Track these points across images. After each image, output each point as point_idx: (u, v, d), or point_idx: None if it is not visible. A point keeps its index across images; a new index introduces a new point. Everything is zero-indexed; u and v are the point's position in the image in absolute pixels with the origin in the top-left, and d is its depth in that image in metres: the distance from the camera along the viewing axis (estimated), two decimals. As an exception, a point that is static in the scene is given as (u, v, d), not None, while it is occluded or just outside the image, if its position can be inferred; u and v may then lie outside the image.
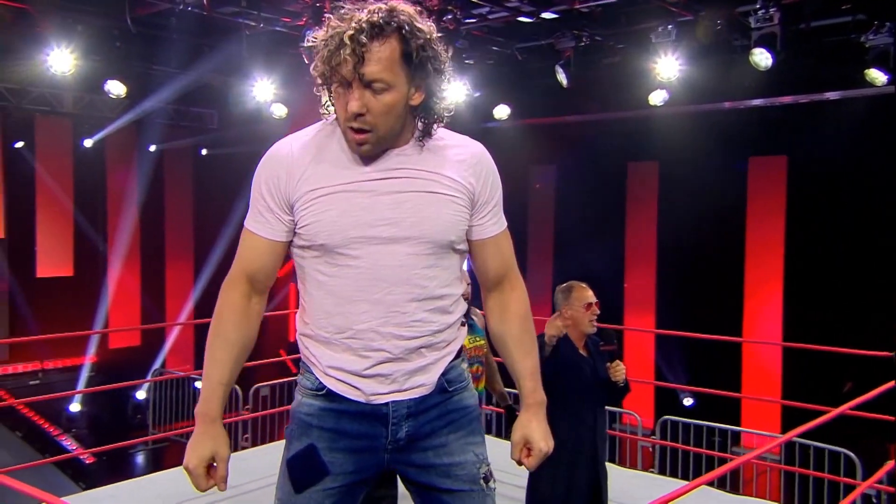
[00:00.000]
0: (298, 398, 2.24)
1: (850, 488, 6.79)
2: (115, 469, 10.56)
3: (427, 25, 2.02)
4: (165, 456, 10.75)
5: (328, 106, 2.15)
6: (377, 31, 1.93)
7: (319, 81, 2.07)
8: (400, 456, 2.17)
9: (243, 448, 6.99)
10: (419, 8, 2.05)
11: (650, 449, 9.90)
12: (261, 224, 2.14)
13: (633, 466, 8.51)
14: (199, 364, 12.00)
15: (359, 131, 1.99)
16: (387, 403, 2.11)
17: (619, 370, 4.34)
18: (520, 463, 2.28)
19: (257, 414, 9.17)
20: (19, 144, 13.01)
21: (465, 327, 2.37)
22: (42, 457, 11.15)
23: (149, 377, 12.34)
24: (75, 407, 12.96)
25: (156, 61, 10.82)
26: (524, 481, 4.38)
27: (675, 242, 12.25)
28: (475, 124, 12.44)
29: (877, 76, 8.84)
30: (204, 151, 14.74)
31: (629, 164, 12.77)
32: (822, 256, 11.01)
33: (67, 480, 11.04)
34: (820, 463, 7.66)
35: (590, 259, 11.92)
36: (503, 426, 7.74)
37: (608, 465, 4.70)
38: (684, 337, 10.69)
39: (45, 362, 13.41)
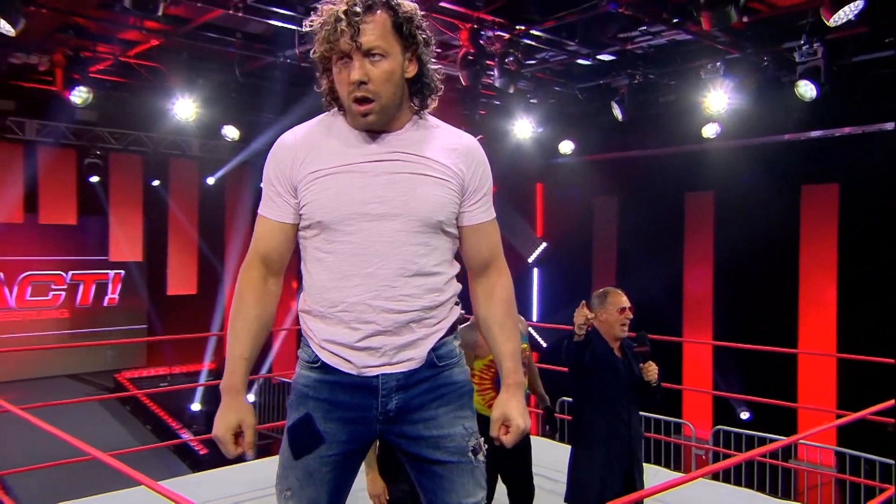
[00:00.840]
0: (298, 370, 2.16)
1: None
2: (224, 459, 10.56)
3: (410, 3, 2.01)
4: (271, 450, 10.63)
5: (325, 96, 2.11)
6: (368, 4, 1.92)
7: (320, 67, 2.05)
8: (392, 427, 2.09)
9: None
10: None
11: (703, 456, 9.23)
12: (271, 208, 2.10)
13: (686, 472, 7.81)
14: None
15: (363, 101, 1.95)
16: (377, 376, 2.03)
17: (651, 370, 4.16)
18: (498, 440, 2.13)
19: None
20: (156, 183, 13.27)
21: (459, 307, 2.22)
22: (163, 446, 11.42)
23: (255, 383, 12.53)
24: (196, 406, 13.11)
25: (262, 108, 11.01)
26: (564, 476, 4.28)
27: (730, 266, 11.63)
28: (542, 160, 12.32)
29: None
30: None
31: (686, 195, 12.19)
32: (872, 276, 10.21)
33: (185, 467, 11.50)
34: (871, 474, 6.94)
35: (650, 282, 11.50)
36: (541, 426, 7.24)
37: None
38: (741, 353, 10.27)
39: (172, 367, 13.63)
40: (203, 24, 8.15)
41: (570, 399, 5.67)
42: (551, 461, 5.04)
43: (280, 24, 7.76)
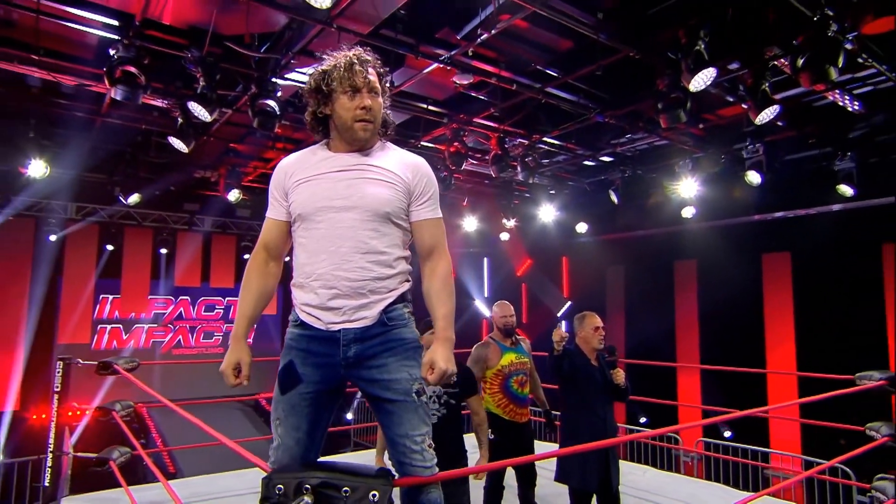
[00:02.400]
0: (287, 329, 2.17)
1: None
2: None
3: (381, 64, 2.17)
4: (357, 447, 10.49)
5: (311, 128, 2.21)
6: (367, 59, 2.10)
7: (316, 100, 2.12)
8: (353, 371, 2.06)
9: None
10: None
11: (690, 462, 8.87)
12: (271, 211, 2.18)
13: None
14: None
15: (365, 122, 2.06)
16: (339, 330, 2.03)
17: (619, 375, 4.05)
18: (426, 380, 2.04)
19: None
20: (288, 258, 13.55)
21: (410, 282, 2.17)
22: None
23: (354, 402, 12.53)
24: None
25: None
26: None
27: (711, 319, 11.24)
28: (564, 238, 12.24)
29: (846, 190, 8.03)
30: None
31: (675, 263, 11.87)
32: (822, 327, 9.78)
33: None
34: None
35: (647, 329, 11.53)
36: (542, 431, 7.02)
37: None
38: (722, 379, 10.05)
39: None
40: (313, 142, 8.57)
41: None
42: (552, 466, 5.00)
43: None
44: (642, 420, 10.69)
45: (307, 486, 1.54)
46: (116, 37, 5.18)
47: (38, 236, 10.32)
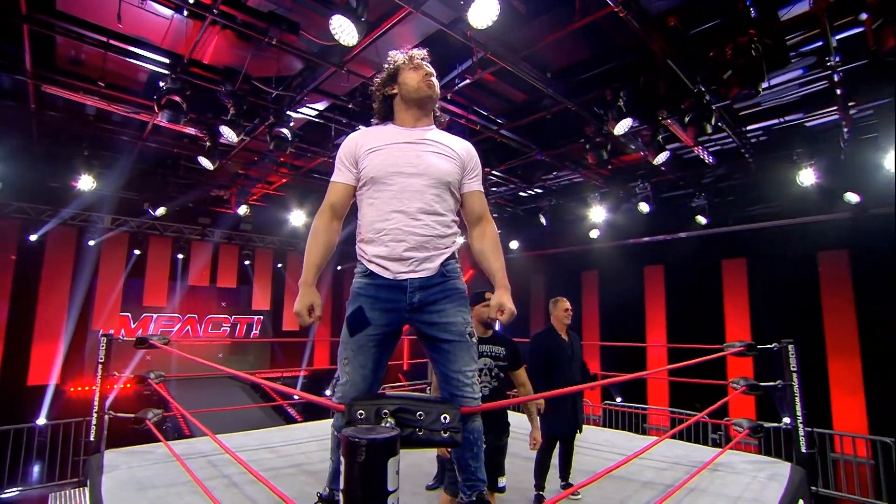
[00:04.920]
0: (354, 280, 1.95)
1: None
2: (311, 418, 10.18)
3: None
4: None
5: (378, 112, 2.04)
6: (423, 52, 2.01)
7: (387, 83, 1.99)
8: (415, 315, 1.87)
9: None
10: None
11: (597, 421, 8.83)
12: (339, 175, 1.97)
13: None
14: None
15: (429, 81, 1.94)
16: (406, 279, 1.86)
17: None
18: (495, 319, 1.95)
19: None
20: (280, 265, 13.08)
21: (461, 240, 1.99)
22: (276, 413, 10.84)
23: (332, 381, 12.01)
24: (295, 396, 12.46)
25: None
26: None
27: (609, 315, 11.43)
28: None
29: (701, 220, 8.53)
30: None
31: (583, 273, 12.04)
32: (685, 319, 10.03)
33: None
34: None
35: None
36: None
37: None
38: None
39: (283, 371, 13.00)
40: (310, 168, 8.31)
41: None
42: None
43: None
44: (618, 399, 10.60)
45: (385, 410, 1.34)
46: (166, 72, 4.84)
47: (79, 242, 9.95)
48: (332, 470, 1.99)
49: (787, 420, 4.05)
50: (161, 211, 8.61)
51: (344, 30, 3.87)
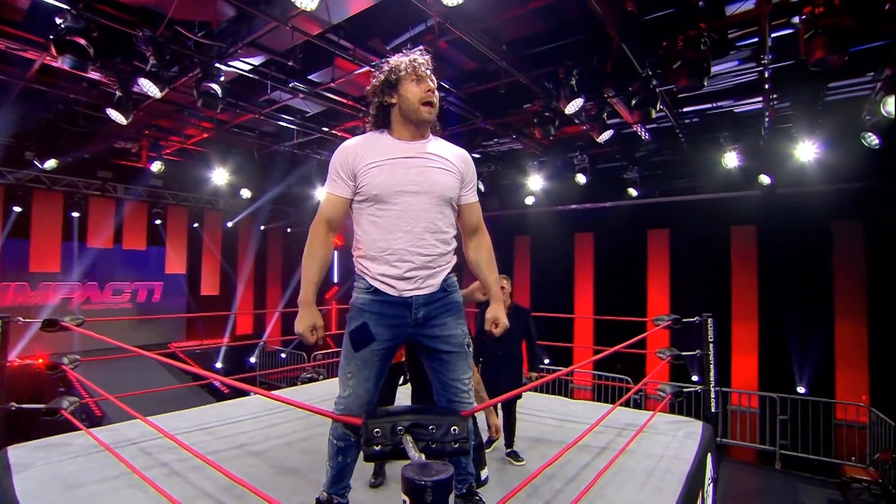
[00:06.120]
0: (355, 295, 1.98)
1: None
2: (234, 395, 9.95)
3: None
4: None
5: (374, 120, 2.01)
6: (426, 58, 2.00)
7: (384, 92, 1.96)
8: (418, 329, 1.96)
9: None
10: None
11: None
12: (335, 188, 1.95)
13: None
14: (285, 345, 11.82)
15: (430, 105, 1.92)
16: (411, 296, 1.93)
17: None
18: (489, 332, 2.07)
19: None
20: (196, 225, 12.42)
21: (455, 256, 2.06)
22: (199, 387, 10.51)
23: (256, 350, 11.95)
24: (218, 365, 12.15)
25: (267, 178, 10.50)
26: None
27: (539, 281, 12.02)
28: None
29: (632, 192, 9.08)
30: (289, 230, 13.99)
31: (516, 238, 12.49)
32: (612, 288, 10.78)
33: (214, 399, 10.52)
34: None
35: None
36: None
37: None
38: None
39: (203, 340, 12.57)
40: (236, 124, 7.91)
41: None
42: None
43: (285, 124, 7.59)
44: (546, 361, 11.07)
45: (400, 427, 1.43)
46: (64, 6, 4.21)
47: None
48: (331, 476, 2.06)
49: (695, 378, 4.63)
50: (51, 164, 7.62)
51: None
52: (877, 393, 7.88)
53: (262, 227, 13.45)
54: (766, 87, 5.20)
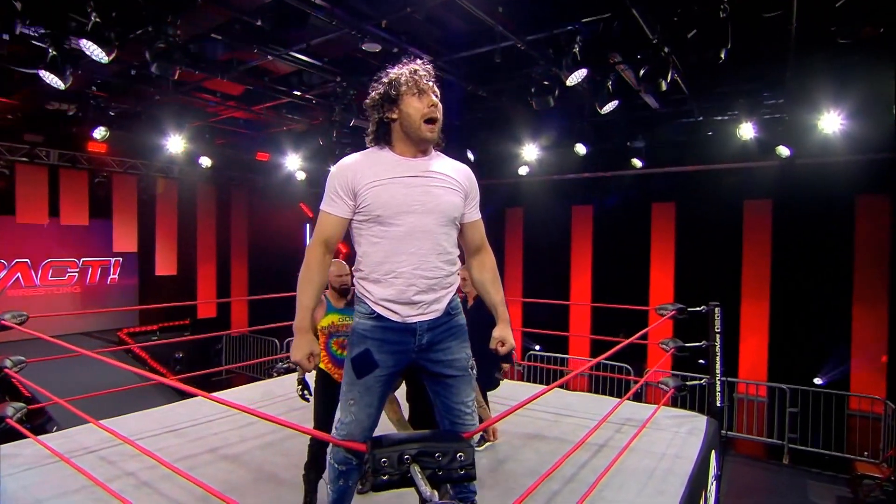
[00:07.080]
0: (356, 320, 2.09)
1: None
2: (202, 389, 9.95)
3: None
4: (233, 382, 10.06)
5: (375, 135, 2.08)
6: (427, 69, 2.06)
7: (383, 106, 2.02)
8: (422, 355, 2.07)
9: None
10: None
11: (520, 370, 9.95)
12: (333, 207, 2.02)
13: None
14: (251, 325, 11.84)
15: (432, 122, 1.98)
16: (415, 322, 2.02)
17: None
18: (496, 351, 2.20)
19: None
20: (148, 196, 12.07)
21: (459, 276, 2.17)
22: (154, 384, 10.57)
23: (222, 337, 11.97)
24: (179, 353, 12.11)
25: (228, 146, 10.34)
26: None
27: (533, 259, 12.22)
28: None
29: (637, 162, 9.31)
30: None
31: (506, 210, 12.63)
32: (611, 267, 11.12)
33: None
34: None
35: None
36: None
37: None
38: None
39: (160, 325, 12.60)
40: (194, 87, 7.73)
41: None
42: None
43: (250, 87, 7.45)
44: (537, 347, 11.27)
45: (407, 455, 1.61)
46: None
47: None
48: (333, 500, 2.21)
49: (702, 361, 4.86)
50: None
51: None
52: (895, 384, 8.14)
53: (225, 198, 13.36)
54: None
